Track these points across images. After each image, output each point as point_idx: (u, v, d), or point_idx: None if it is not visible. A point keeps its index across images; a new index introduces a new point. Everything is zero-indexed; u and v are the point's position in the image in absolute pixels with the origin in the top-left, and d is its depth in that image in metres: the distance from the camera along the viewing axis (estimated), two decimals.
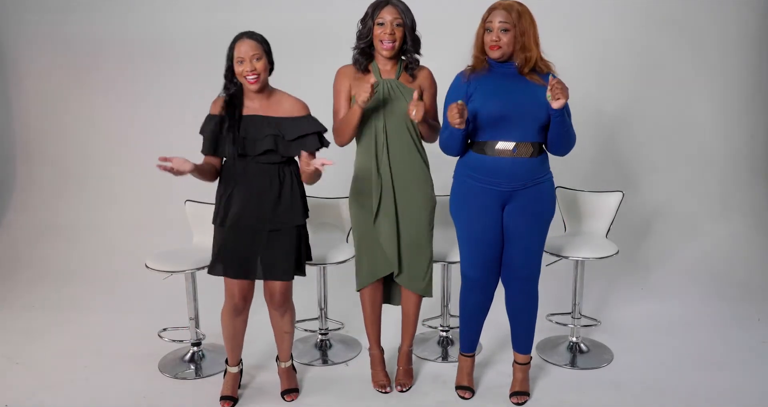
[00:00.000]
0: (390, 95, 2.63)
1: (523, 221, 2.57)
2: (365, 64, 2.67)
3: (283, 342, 2.81)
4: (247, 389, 2.90)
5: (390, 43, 2.58)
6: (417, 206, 2.71)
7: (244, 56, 2.44)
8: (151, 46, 4.33)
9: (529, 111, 2.46)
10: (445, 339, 3.30)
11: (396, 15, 2.57)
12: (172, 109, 4.35)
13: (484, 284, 2.69)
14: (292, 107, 2.55)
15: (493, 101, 2.47)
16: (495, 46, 2.44)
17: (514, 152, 2.50)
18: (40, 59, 4.48)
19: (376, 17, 2.58)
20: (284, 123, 2.53)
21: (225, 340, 2.78)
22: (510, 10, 2.42)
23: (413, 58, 2.65)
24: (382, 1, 2.59)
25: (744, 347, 3.25)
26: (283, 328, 2.77)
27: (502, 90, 2.48)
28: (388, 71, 2.67)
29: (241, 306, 2.67)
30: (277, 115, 2.54)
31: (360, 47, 2.66)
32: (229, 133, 2.50)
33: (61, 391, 2.89)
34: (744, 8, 4.13)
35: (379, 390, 2.87)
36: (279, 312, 2.72)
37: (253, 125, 2.52)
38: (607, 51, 4.15)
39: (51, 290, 4.04)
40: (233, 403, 2.78)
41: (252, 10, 4.08)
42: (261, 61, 2.46)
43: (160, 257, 3.04)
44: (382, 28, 2.57)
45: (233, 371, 2.82)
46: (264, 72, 2.48)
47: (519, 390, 2.80)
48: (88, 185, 4.53)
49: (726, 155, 4.31)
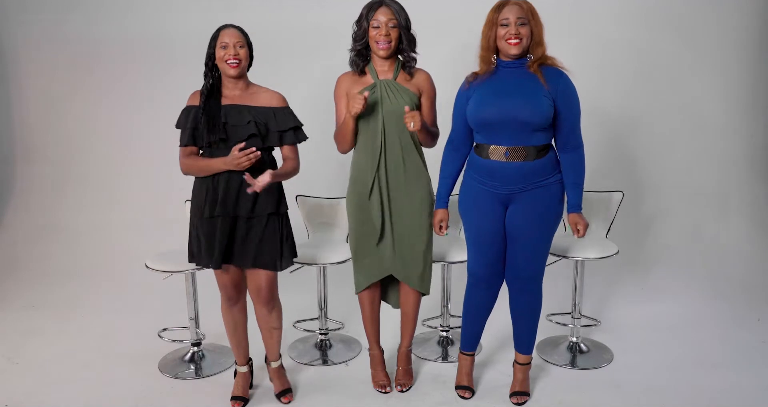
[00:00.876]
0: (387, 95, 2.63)
1: (525, 222, 2.57)
2: (362, 65, 2.67)
3: (272, 338, 2.79)
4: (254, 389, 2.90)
5: (386, 44, 2.58)
6: (414, 205, 2.71)
7: (228, 42, 2.50)
8: (151, 46, 4.33)
9: (522, 116, 2.43)
10: (445, 339, 3.30)
11: (390, 16, 2.57)
12: (172, 109, 4.30)
13: (490, 282, 2.70)
14: (269, 98, 2.57)
15: (485, 107, 2.47)
16: (516, 40, 2.42)
17: (506, 156, 2.50)
18: (40, 59, 4.48)
19: (371, 19, 2.58)
20: (263, 112, 2.53)
21: (229, 337, 2.79)
22: (522, 4, 2.44)
23: (410, 56, 2.65)
24: (376, 2, 2.60)
25: (744, 347, 3.25)
26: (271, 324, 2.75)
27: (501, 93, 2.47)
28: (385, 71, 2.67)
29: (234, 295, 2.68)
30: (254, 104, 2.55)
31: (356, 49, 2.66)
32: (210, 118, 2.49)
33: (61, 391, 2.89)
34: (744, 8, 4.13)
35: (379, 390, 2.87)
36: (267, 309, 2.70)
37: (233, 112, 2.52)
38: (606, 51, 4.14)
39: (51, 290, 4.04)
40: (244, 404, 2.77)
41: (252, 10, 4.08)
42: (243, 49, 2.51)
43: (160, 257, 3.04)
44: (377, 30, 2.57)
45: (242, 370, 2.82)
46: (245, 60, 2.52)
47: (519, 390, 2.80)
48: (88, 185, 4.53)
49: (726, 155, 4.31)
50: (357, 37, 2.64)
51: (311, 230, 3.34)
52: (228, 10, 4.18)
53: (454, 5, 3.93)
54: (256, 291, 2.66)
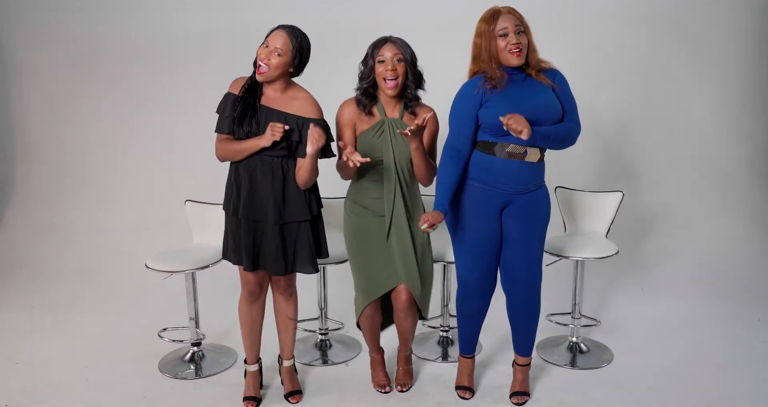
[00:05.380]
0: (395, 134, 2.64)
1: (521, 224, 2.58)
2: (369, 106, 2.65)
3: (287, 332, 2.79)
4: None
5: (393, 81, 2.57)
6: (423, 235, 2.71)
7: (270, 44, 2.45)
8: (152, 46, 4.33)
9: (543, 116, 2.46)
10: (445, 339, 3.30)
11: (396, 51, 2.57)
12: (173, 109, 4.35)
13: (482, 289, 2.69)
14: (303, 107, 2.52)
15: (509, 109, 2.42)
16: (518, 50, 2.43)
17: (525, 156, 2.50)
18: (40, 59, 4.48)
19: (377, 55, 2.58)
20: (293, 120, 2.50)
21: (243, 334, 2.78)
22: (514, 13, 2.44)
23: (413, 94, 2.64)
24: (381, 40, 2.61)
25: (744, 347, 3.25)
26: (287, 313, 2.76)
27: (519, 96, 2.47)
28: (392, 111, 2.67)
29: (256, 292, 2.69)
30: (286, 110, 2.52)
31: (363, 87, 2.65)
32: (246, 116, 2.50)
33: (61, 391, 2.89)
34: (744, 8, 4.13)
35: (379, 390, 2.87)
36: (284, 296, 2.73)
37: (265, 115, 2.52)
38: (606, 51, 4.14)
39: (51, 291, 4.03)
40: (257, 403, 2.77)
41: (256, 11, 4.07)
42: (281, 58, 2.44)
43: (160, 257, 3.04)
44: (384, 65, 2.57)
45: (252, 369, 2.81)
46: (276, 69, 2.45)
47: (519, 390, 2.80)
48: (88, 185, 4.53)
49: (726, 155, 4.31)
50: (363, 76, 2.64)
51: None
52: (232, 11, 4.18)
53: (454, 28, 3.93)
54: (275, 282, 2.70)
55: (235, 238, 2.60)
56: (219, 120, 2.57)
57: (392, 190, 2.65)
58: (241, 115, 2.51)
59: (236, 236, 2.60)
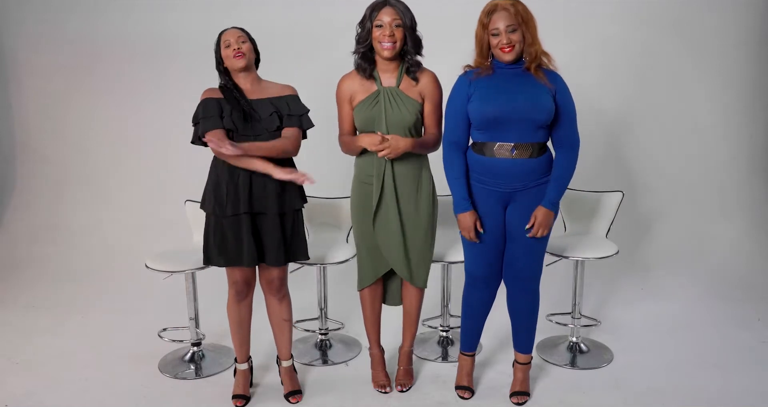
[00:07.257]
0: (391, 104, 2.60)
1: (524, 221, 2.57)
2: (369, 70, 2.61)
3: (283, 333, 2.80)
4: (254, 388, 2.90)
5: (389, 44, 2.53)
6: (418, 209, 2.70)
7: (230, 39, 2.55)
8: (151, 46, 4.33)
9: (527, 113, 2.44)
10: (445, 339, 3.30)
11: (395, 16, 2.52)
12: (172, 109, 4.34)
13: (488, 282, 2.70)
14: (279, 89, 2.63)
15: (491, 103, 2.45)
16: (509, 49, 2.42)
17: (513, 154, 2.50)
18: (40, 59, 4.48)
19: (374, 19, 2.53)
20: (278, 102, 2.59)
21: (232, 333, 2.78)
22: (510, 9, 2.40)
23: (414, 60, 2.60)
24: (380, 2, 2.55)
25: (744, 347, 3.25)
26: (282, 315, 2.77)
27: (503, 91, 2.46)
28: (389, 78, 2.63)
29: (244, 291, 2.69)
30: (269, 96, 2.60)
31: (360, 51, 2.61)
32: (240, 109, 2.53)
33: (61, 391, 2.89)
34: (744, 8, 4.13)
35: (379, 390, 2.87)
36: (277, 298, 2.74)
37: (257, 105, 2.57)
38: (606, 51, 4.15)
39: (51, 290, 4.04)
40: (245, 401, 2.77)
41: (253, 10, 4.07)
42: (246, 43, 2.57)
43: (160, 257, 3.04)
44: (381, 30, 2.52)
45: (242, 368, 2.82)
46: (249, 52, 2.57)
47: (519, 390, 2.80)
48: (88, 185, 4.53)
49: (726, 155, 4.31)
50: (360, 39, 2.60)
51: (312, 230, 3.34)
52: (229, 11, 4.18)
53: (460, 5, 3.92)
54: (268, 283, 2.70)
55: (229, 238, 2.57)
56: (202, 121, 2.53)
57: (381, 164, 2.63)
58: (241, 113, 2.53)
59: (231, 235, 2.57)
